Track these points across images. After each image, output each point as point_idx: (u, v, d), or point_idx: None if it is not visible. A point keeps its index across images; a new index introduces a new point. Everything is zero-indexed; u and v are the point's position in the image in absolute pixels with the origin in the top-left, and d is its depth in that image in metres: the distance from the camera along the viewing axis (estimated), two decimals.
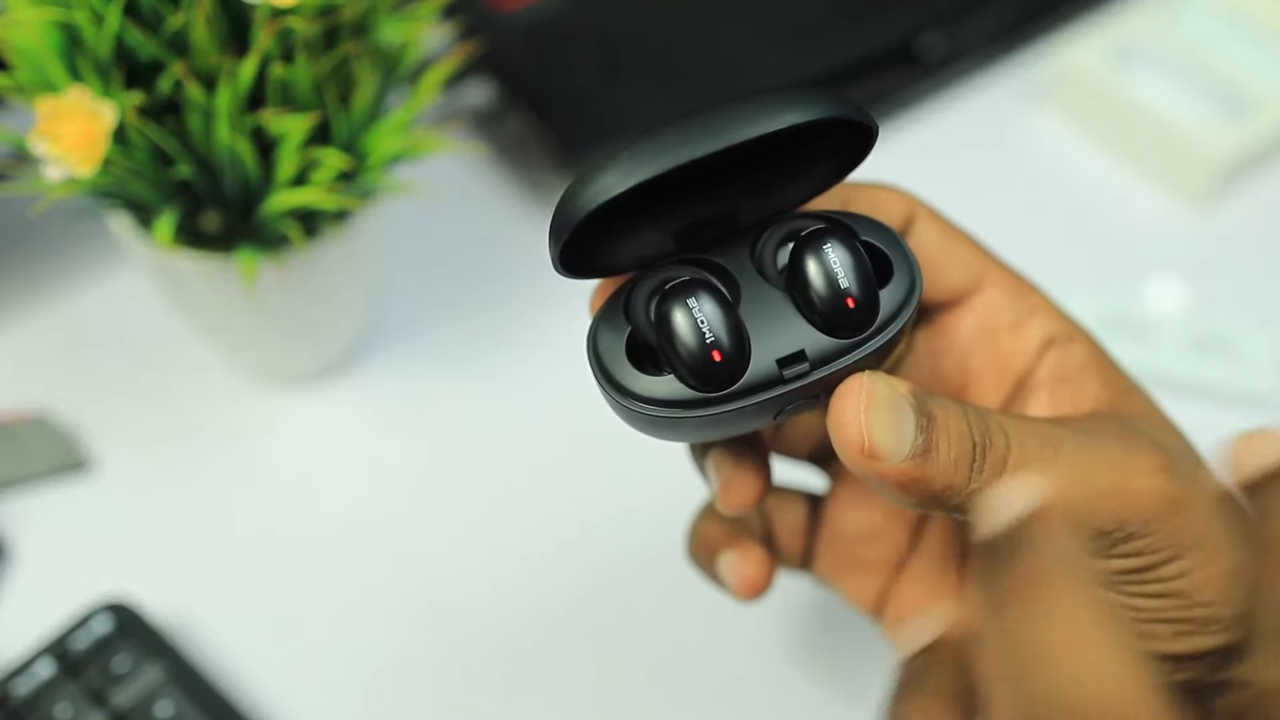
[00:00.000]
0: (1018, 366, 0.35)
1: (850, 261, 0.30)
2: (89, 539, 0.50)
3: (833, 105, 0.29)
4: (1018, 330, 0.35)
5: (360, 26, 0.46)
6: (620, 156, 0.28)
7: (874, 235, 0.32)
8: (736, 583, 0.37)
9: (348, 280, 0.51)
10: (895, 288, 0.31)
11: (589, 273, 0.32)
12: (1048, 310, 0.35)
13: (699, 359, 0.29)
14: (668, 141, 0.28)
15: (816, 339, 0.30)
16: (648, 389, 0.30)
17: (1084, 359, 0.35)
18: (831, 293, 0.30)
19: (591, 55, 0.64)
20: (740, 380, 0.30)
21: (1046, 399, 0.34)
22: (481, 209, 0.61)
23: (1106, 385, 0.34)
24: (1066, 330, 0.35)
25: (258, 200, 0.46)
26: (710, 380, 0.30)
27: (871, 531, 0.38)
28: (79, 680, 0.44)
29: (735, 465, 0.35)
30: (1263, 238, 0.62)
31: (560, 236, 0.29)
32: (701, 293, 0.30)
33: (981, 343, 0.35)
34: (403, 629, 0.48)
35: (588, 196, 0.28)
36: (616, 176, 0.28)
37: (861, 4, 0.67)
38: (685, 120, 0.29)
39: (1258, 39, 0.66)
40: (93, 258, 0.58)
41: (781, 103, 0.29)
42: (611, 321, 0.31)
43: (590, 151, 0.60)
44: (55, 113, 0.42)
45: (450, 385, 0.55)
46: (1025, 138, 0.66)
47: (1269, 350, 0.56)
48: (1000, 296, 0.35)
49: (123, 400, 0.54)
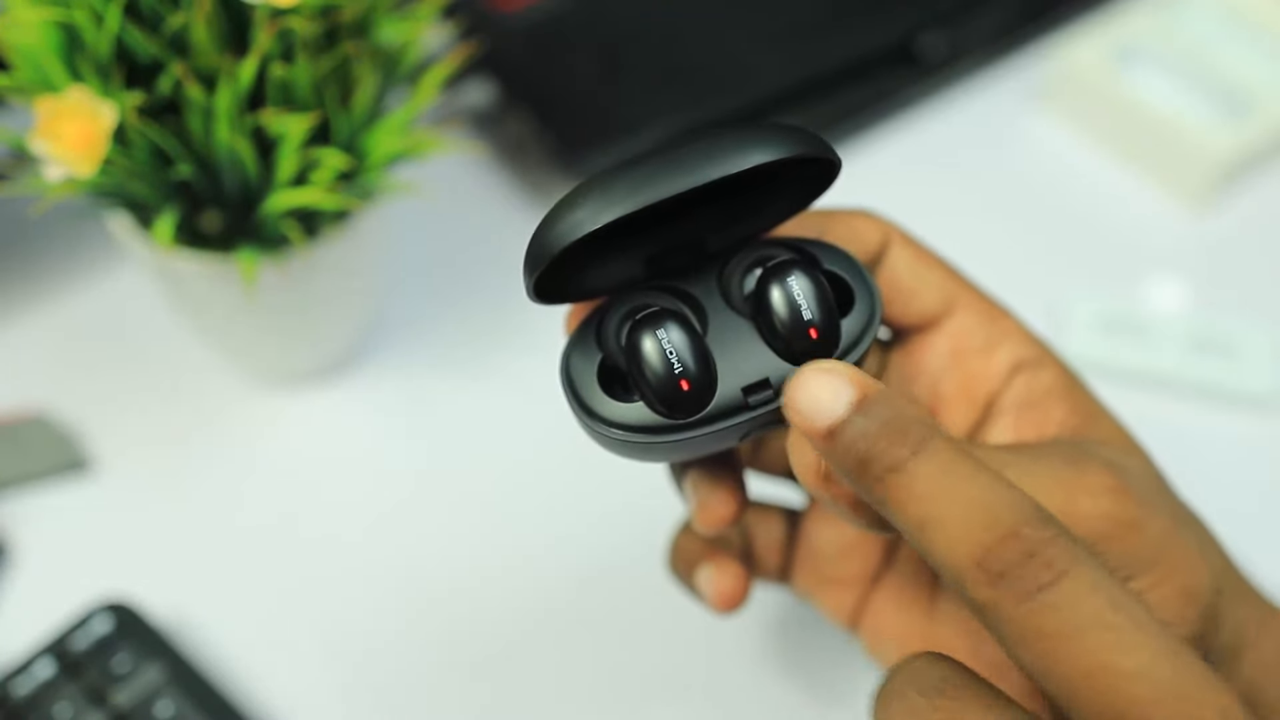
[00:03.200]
0: (986, 390, 0.36)
1: (812, 292, 0.31)
2: (89, 539, 0.50)
3: (797, 144, 0.30)
4: (987, 354, 0.36)
5: (360, 26, 0.46)
6: (593, 192, 0.30)
7: (837, 264, 0.33)
8: (713, 596, 0.38)
9: (348, 280, 0.51)
10: (856, 316, 0.32)
11: (562, 299, 0.33)
12: (1018, 335, 0.36)
13: (667, 387, 0.31)
14: (639, 178, 0.30)
15: (780, 367, 0.31)
16: (618, 414, 0.31)
17: (1051, 384, 0.35)
18: (794, 322, 0.31)
19: (592, 55, 0.64)
20: (707, 407, 0.31)
21: (1012, 424, 0.35)
22: (481, 209, 0.61)
23: (1073, 410, 0.35)
24: (1035, 355, 0.36)
25: (258, 200, 0.46)
26: (678, 407, 0.31)
27: (846, 547, 0.39)
28: (79, 680, 0.44)
29: (711, 486, 0.36)
30: (1263, 238, 0.62)
31: (534, 269, 0.30)
32: (670, 323, 0.31)
33: (952, 366, 0.36)
34: (403, 628, 0.48)
35: (560, 232, 0.30)
36: (589, 213, 0.29)
37: (861, 4, 0.67)
38: (657, 157, 0.30)
39: (1258, 39, 0.66)
40: (93, 258, 0.58)
41: (750, 141, 0.30)
42: (584, 347, 0.32)
43: (590, 151, 0.60)
44: (55, 113, 0.42)
45: (450, 385, 0.55)
46: (1025, 138, 0.66)
47: (1269, 350, 0.56)
48: (971, 321, 0.36)
49: (123, 400, 0.54)
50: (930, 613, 0.38)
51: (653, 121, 0.61)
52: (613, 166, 0.30)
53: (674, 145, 0.30)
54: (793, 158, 0.30)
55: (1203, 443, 0.54)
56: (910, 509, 0.27)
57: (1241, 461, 0.54)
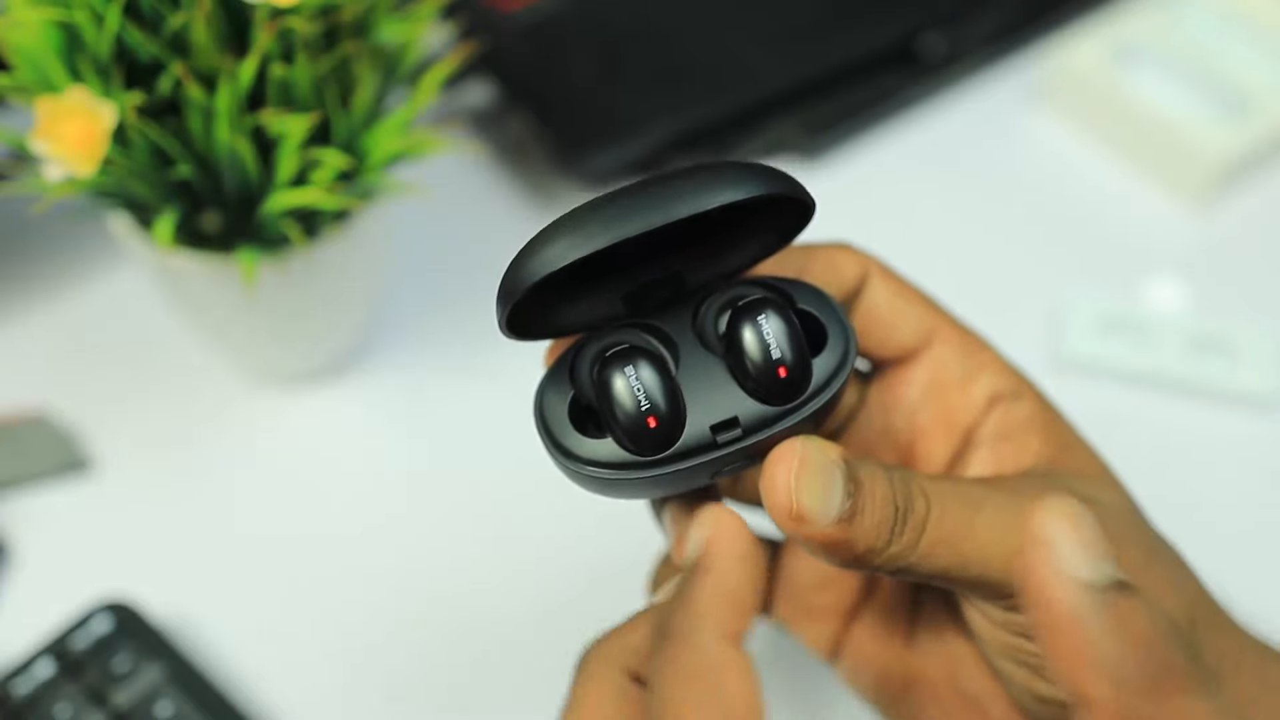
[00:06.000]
0: (964, 422, 0.36)
1: (784, 331, 0.31)
2: (89, 539, 0.50)
3: (768, 183, 0.30)
4: (965, 386, 0.36)
5: (360, 26, 0.46)
6: (564, 228, 0.30)
7: (811, 303, 0.33)
8: None
9: (348, 280, 0.51)
10: (829, 356, 0.32)
11: (539, 334, 0.33)
12: (996, 367, 0.36)
13: (635, 424, 0.31)
14: (613, 215, 0.29)
15: (750, 406, 0.31)
16: (588, 451, 0.31)
17: (1028, 416, 0.35)
18: (764, 362, 0.31)
19: (591, 55, 0.64)
20: (675, 445, 0.31)
21: (989, 456, 0.35)
22: (481, 209, 0.61)
23: (1049, 441, 0.35)
24: (1013, 387, 0.36)
25: (258, 200, 0.46)
26: (646, 445, 0.31)
27: (824, 579, 0.39)
28: (79, 680, 0.44)
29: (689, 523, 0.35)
30: (1263, 238, 0.62)
31: (506, 304, 0.30)
32: (640, 360, 0.31)
33: (930, 398, 0.36)
34: (403, 628, 0.48)
35: (532, 268, 0.30)
36: (561, 250, 0.29)
37: (862, 4, 0.67)
38: (630, 192, 0.30)
39: (1258, 39, 0.66)
40: (93, 258, 0.58)
41: (722, 179, 0.30)
42: (557, 384, 0.32)
43: (590, 151, 0.60)
44: (55, 113, 0.42)
45: (450, 385, 0.55)
46: (1025, 138, 0.66)
47: (1269, 350, 0.56)
48: (949, 353, 0.36)
49: (123, 400, 0.54)
50: (909, 643, 0.38)
51: (653, 121, 0.61)
52: (588, 202, 0.30)
53: (649, 181, 0.30)
54: (762, 197, 0.30)
55: (1203, 443, 0.54)
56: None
57: (1241, 461, 0.54)
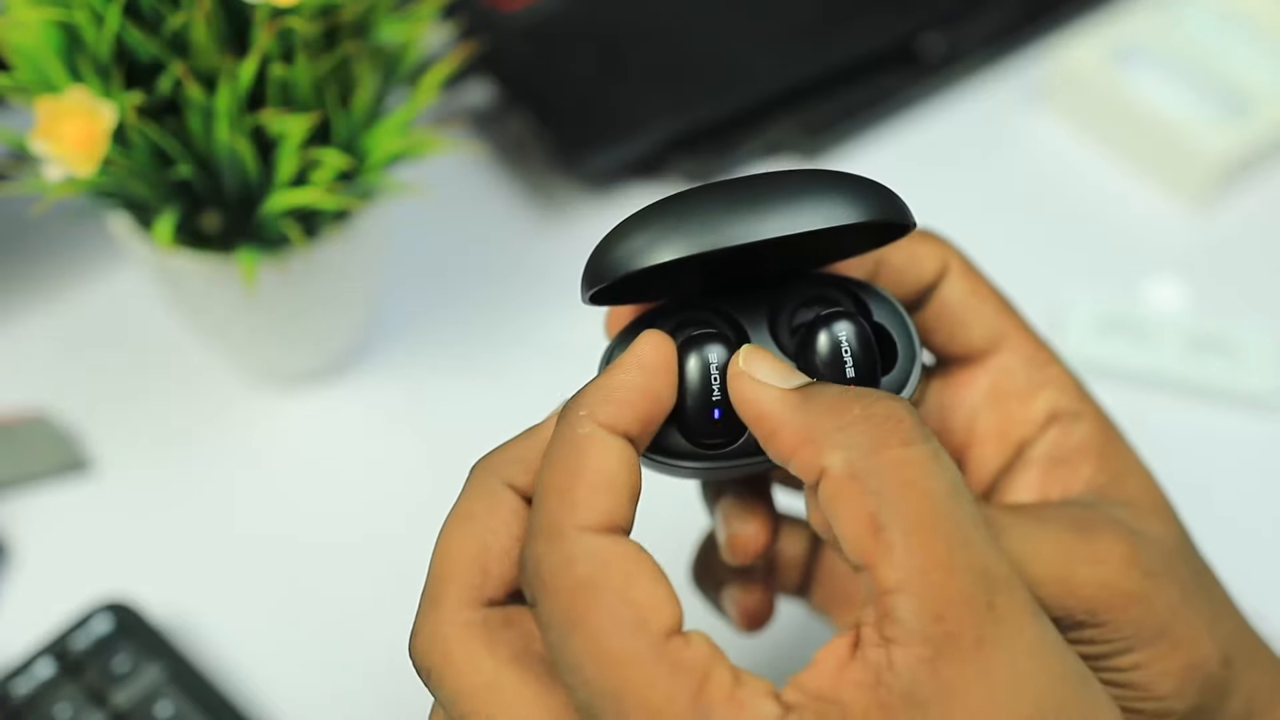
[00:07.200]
0: (1020, 436, 0.35)
1: (859, 350, 0.31)
2: (89, 539, 0.50)
3: (878, 208, 0.30)
4: (1026, 400, 0.35)
5: (360, 26, 0.46)
6: (669, 221, 0.29)
7: (887, 319, 0.33)
8: (738, 616, 0.38)
9: (348, 280, 0.51)
10: (895, 376, 0.32)
11: (614, 301, 0.33)
12: (1061, 383, 0.35)
13: (701, 419, 0.31)
14: (719, 219, 0.29)
15: None
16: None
17: (1084, 440, 0.34)
18: (835, 376, 0.31)
19: (592, 55, 0.64)
20: (737, 443, 0.31)
21: (1037, 479, 0.35)
22: (481, 209, 0.61)
23: (1101, 468, 0.34)
24: (1074, 407, 0.35)
25: (258, 200, 0.46)
26: (709, 439, 0.31)
27: None
28: (79, 680, 0.44)
29: (743, 519, 0.35)
30: (1263, 238, 0.62)
31: (593, 285, 0.30)
32: (717, 348, 0.30)
33: (990, 406, 0.35)
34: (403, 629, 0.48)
35: (626, 257, 0.29)
36: (659, 246, 0.29)
37: (862, 4, 0.67)
38: (736, 194, 0.29)
39: (1258, 39, 0.66)
40: (93, 258, 0.58)
41: (833, 197, 0.30)
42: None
43: (590, 151, 0.60)
44: (55, 113, 0.42)
45: (450, 385, 0.55)
46: (1025, 138, 0.66)
47: (1269, 350, 0.56)
48: (1015, 362, 0.35)
49: (123, 400, 0.54)
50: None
51: (652, 122, 0.61)
52: (692, 193, 0.29)
53: (757, 182, 0.30)
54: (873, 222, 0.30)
55: (1203, 443, 0.54)
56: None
57: (1241, 461, 0.54)
